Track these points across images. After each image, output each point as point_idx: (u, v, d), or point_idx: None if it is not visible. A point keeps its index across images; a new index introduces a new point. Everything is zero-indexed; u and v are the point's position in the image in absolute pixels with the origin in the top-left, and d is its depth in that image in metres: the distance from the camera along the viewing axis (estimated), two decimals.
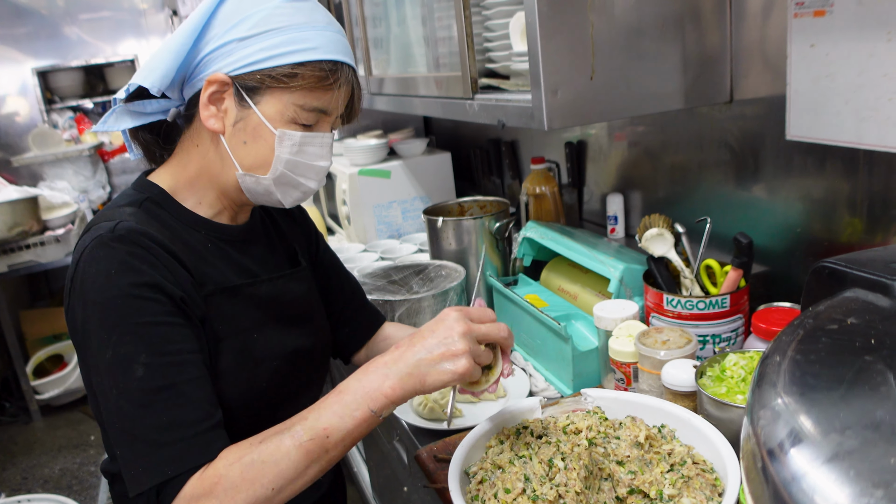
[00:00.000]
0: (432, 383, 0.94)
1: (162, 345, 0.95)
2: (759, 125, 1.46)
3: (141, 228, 1.00)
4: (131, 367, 0.93)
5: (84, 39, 4.95)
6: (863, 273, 0.55)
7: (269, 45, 1.02)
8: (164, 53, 1.03)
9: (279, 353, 1.15)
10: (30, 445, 3.94)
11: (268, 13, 1.02)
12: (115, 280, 0.95)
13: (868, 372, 0.42)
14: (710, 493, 0.94)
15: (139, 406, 0.92)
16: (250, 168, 1.08)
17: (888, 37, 1.12)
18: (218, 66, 1.03)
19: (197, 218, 1.12)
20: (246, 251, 1.17)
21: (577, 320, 1.57)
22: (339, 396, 0.95)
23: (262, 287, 1.15)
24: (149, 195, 1.10)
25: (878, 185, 1.24)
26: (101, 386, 0.95)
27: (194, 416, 0.94)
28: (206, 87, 1.03)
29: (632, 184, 1.99)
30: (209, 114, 1.05)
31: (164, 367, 0.94)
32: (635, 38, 1.33)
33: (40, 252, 3.96)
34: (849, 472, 0.35)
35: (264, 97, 1.04)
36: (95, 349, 0.95)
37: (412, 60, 2.03)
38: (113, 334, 0.94)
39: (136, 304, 0.95)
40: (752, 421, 0.43)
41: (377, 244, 2.59)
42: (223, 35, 1.02)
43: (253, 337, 1.11)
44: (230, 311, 1.09)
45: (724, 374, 1.11)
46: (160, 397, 0.93)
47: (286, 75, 1.02)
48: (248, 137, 1.06)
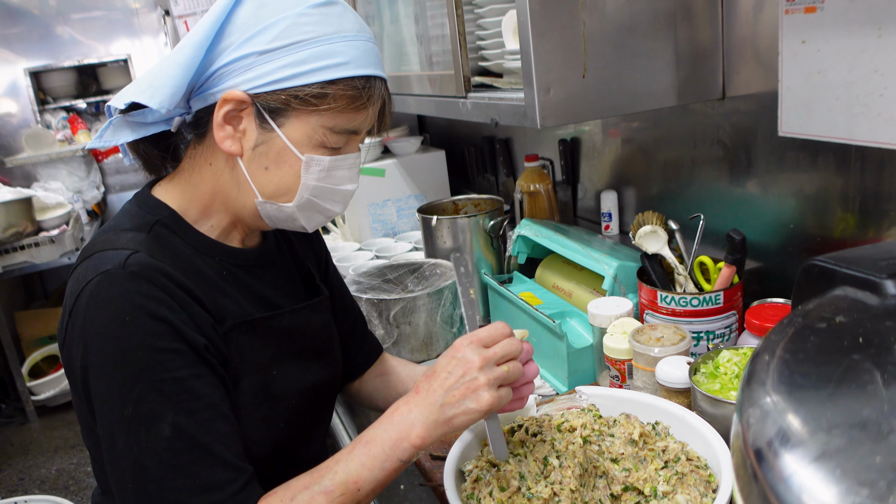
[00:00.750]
0: (460, 424, 0.89)
1: (189, 402, 0.88)
2: (751, 121, 1.46)
3: (156, 264, 0.90)
4: (157, 426, 0.86)
5: (76, 39, 4.94)
6: (852, 271, 0.55)
7: (294, 60, 0.90)
8: (172, 68, 0.90)
9: (298, 390, 1.08)
10: (26, 446, 3.93)
11: (292, 22, 0.90)
12: (132, 329, 0.86)
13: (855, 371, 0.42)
14: (705, 489, 0.95)
15: (167, 467, 0.86)
16: (272, 196, 0.98)
17: (878, 33, 1.12)
18: (234, 81, 0.92)
19: (210, 242, 1.02)
20: (261, 276, 1.08)
21: (572, 318, 1.58)
22: (367, 447, 0.90)
23: (283, 319, 1.07)
24: (158, 218, 0.99)
25: (870, 181, 1.25)
26: (110, 439, 0.87)
27: (228, 477, 0.88)
28: (220, 105, 0.92)
29: (626, 181, 1.99)
30: (225, 134, 0.94)
31: (193, 426, 0.87)
32: (627, 35, 1.33)
33: (35, 253, 3.95)
34: (835, 470, 0.35)
35: (289, 119, 0.93)
36: (108, 401, 0.87)
37: (405, 59, 2.03)
38: (133, 390, 0.86)
39: (159, 357, 0.87)
40: (741, 419, 0.44)
41: (372, 243, 2.59)
42: (240, 46, 0.91)
43: (272, 374, 1.03)
44: (248, 347, 1.01)
45: (718, 371, 1.11)
46: (191, 458, 0.87)
47: (315, 96, 0.92)
48: (271, 163, 0.96)
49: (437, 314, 1.67)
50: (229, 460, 0.89)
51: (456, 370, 0.90)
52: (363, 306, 1.68)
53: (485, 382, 0.88)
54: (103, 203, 4.97)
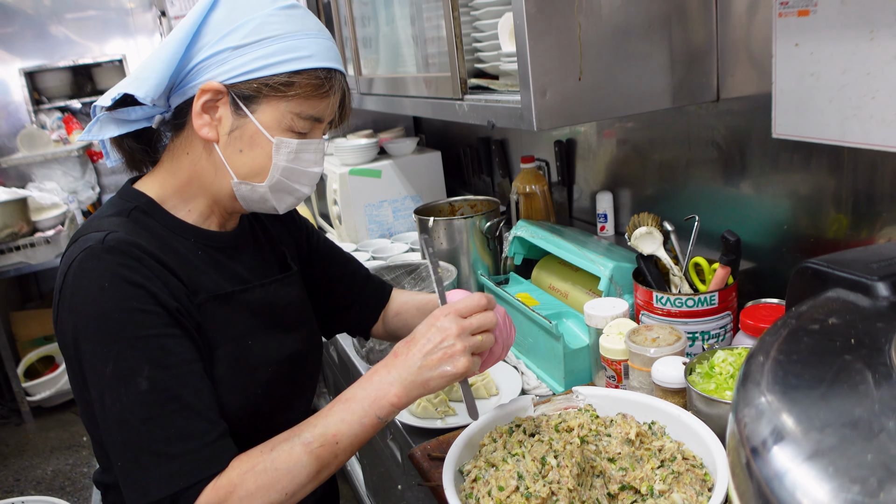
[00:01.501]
0: (436, 386, 0.99)
1: (163, 357, 0.95)
2: (745, 123, 1.47)
3: (131, 239, 0.99)
4: (134, 380, 0.93)
5: (71, 39, 4.93)
6: (844, 274, 0.56)
7: (264, 53, 1.01)
8: (155, 62, 1.01)
9: (274, 360, 1.14)
10: (21, 447, 3.93)
11: (261, 21, 1.01)
12: (110, 293, 0.94)
13: (847, 371, 0.43)
14: (700, 487, 0.96)
15: (145, 419, 0.92)
16: (246, 176, 1.08)
17: (871, 36, 1.14)
18: (211, 74, 1.02)
19: (186, 226, 1.11)
20: (236, 258, 1.16)
21: (568, 318, 1.59)
22: (347, 404, 0.99)
23: (255, 293, 1.15)
24: (136, 204, 1.08)
25: (863, 182, 1.26)
26: (100, 400, 0.94)
27: (202, 427, 0.95)
28: (199, 96, 1.02)
29: (621, 182, 2.00)
30: (202, 122, 1.04)
31: (167, 380, 0.94)
32: (622, 38, 1.34)
33: (30, 253, 3.95)
34: (828, 468, 0.36)
35: (261, 106, 1.04)
36: (92, 363, 0.94)
37: (401, 60, 2.03)
38: (112, 348, 0.93)
39: (134, 318, 0.94)
40: (736, 419, 0.45)
41: (368, 244, 2.60)
42: (216, 43, 1.01)
43: (247, 344, 1.11)
44: (223, 319, 1.08)
45: (713, 371, 1.12)
46: (166, 409, 0.93)
47: (283, 84, 1.02)
48: (245, 146, 1.06)
49: None
50: (203, 413, 0.96)
51: (434, 337, 1.00)
52: None
53: (461, 349, 0.98)
54: (98, 203, 4.96)
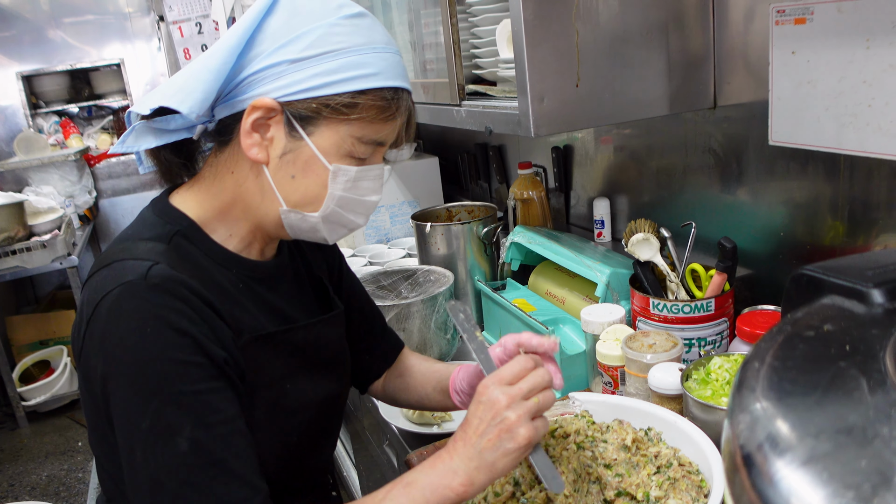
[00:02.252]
0: (504, 466, 0.87)
1: (208, 415, 0.87)
2: (742, 130, 1.48)
3: (177, 276, 0.89)
4: (174, 440, 0.84)
5: (69, 43, 4.93)
6: (839, 281, 0.57)
7: (326, 69, 0.90)
8: (202, 73, 0.90)
9: (311, 403, 1.07)
10: (16, 452, 3.92)
11: (324, 31, 0.91)
12: (152, 340, 0.85)
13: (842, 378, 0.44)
14: (696, 494, 0.96)
15: (183, 483, 0.84)
16: (297, 204, 0.98)
17: (867, 44, 1.14)
18: (264, 88, 0.91)
19: (228, 255, 1.01)
20: (276, 289, 1.08)
21: (565, 324, 1.59)
22: (407, 489, 0.88)
23: (298, 334, 1.06)
24: (178, 228, 0.98)
25: (859, 190, 1.27)
26: (129, 453, 0.86)
27: (244, 494, 0.87)
28: (249, 112, 0.91)
29: (618, 188, 2.01)
30: (252, 142, 0.93)
31: (210, 441, 0.86)
32: (620, 45, 1.34)
33: (26, 258, 3.94)
34: (822, 474, 0.37)
35: (319, 128, 0.93)
36: (125, 414, 0.86)
37: None
38: (151, 402, 0.85)
39: (178, 370, 0.86)
40: (731, 425, 0.45)
41: (366, 249, 2.60)
42: (272, 54, 0.91)
43: (286, 388, 1.03)
44: (264, 361, 1.00)
45: (710, 377, 1.12)
46: (207, 474, 0.85)
47: (346, 105, 0.92)
48: (298, 171, 0.95)
49: (430, 320, 1.68)
50: (246, 477, 0.88)
51: (486, 415, 0.87)
52: None
53: (516, 420, 0.85)
54: (95, 208, 4.96)
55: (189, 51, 3.06)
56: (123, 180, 5.17)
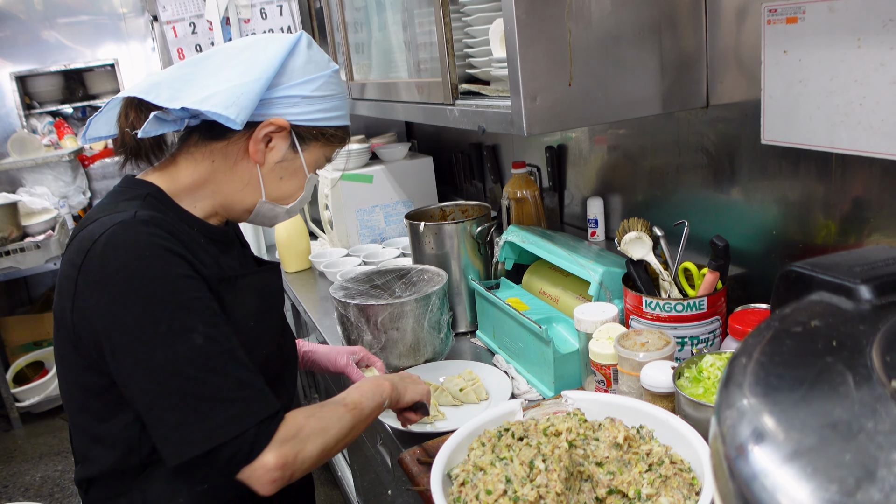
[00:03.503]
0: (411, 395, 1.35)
1: (213, 316, 1.07)
2: (734, 129, 1.48)
3: (160, 217, 1.10)
4: (191, 336, 1.03)
5: (63, 44, 4.91)
6: (828, 277, 0.57)
7: (326, 107, 1.23)
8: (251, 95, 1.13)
9: (269, 341, 1.27)
10: (10, 453, 3.90)
11: (326, 80, 1.22)
12: (152, 261, 1.04)
13: (828, 373, 0.44)
14: (688, 491, 0.96)
15: (206, 370, 1.03)
16: (275, 199, 1.27)
17: (858, 43, 1.15)
18: (281, 111, 1.19)
19: (191, 216, 1.21)
20: (227, 251, 1.28)
21: (558, 323, 1.59)
22: (358, 387, 1.26)
23: (255, 278, 1.27)
24: (148, 191, 1.17)
25: (851, 188, 1.27)
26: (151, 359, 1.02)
27: (253, 376, 1.08)
28: (265, 125, 1.18)
29: (611, 187, 2.01)
30: (257, 148, 1.19)
31: (220, 336, 1.06)
32: (613, 44, 1.35)
33: (20, 258, 3.93)
34: (807, 468, 0.37)
35: (310, 147, 1.25)
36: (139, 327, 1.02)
37: (393, 66, 2.04)
38: (164, 310, 1.02)
39: (182, 283, 1.05)
40: (718, 421, 0.45)
41: (360, 249, 2.60)
42: (291, 88, 1.19)
43: (250, 325, 1.21)
44: (230, 301, 1.18)
45: (702, 376, 1.13)
46: (223, 360, 1.05)
47: (332, 134, 1.27)
48: (286, 175, 1.25)
49: (424, 320, 1.68)
50: (248, 365, 1.09)
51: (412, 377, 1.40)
52: (351, 312, 1.69)
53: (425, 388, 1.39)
54: (89, 208, 4.94)
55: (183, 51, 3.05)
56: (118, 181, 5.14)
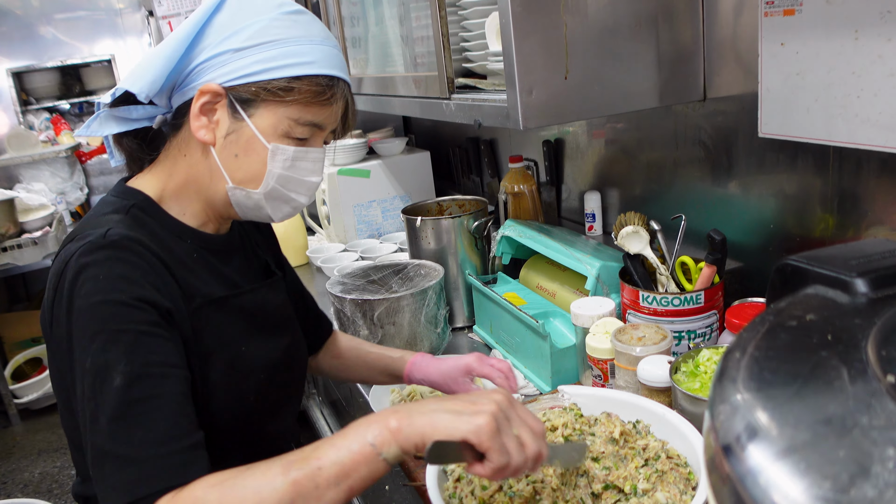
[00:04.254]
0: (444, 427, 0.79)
1: (143, 354, 0.90)
2: (732, 122, 1.47)
3: (133, 235, 0.98)
4: (110, 375, 0.88)
5: (60, 39, 4.90)
6: (823, 270, 0.56)
7: (265, 57, 1.00)
8: (154, 59, 1.00)
9: (265, 365, 1.13)
10: (9, 449, 3.90)
11: (264, 25, 1.01)
12: (103, 285, 0.92)
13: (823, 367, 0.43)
14: (685, 486, 0.96)
15: (112, 419, 0.86)
16: (241, 182, 1.07)
17: (855, 35, 1.14)
18: (211, 76, 1.01)
19: (183, 227, 1.10)
20: (227, 261, 1.16)
21: (556, 318, 1.58)
22: (342, 431, 0.84)
23: (246, 297, 1.14)
24: (134, 202, 1.07)
25: (849, 181, 1.26)
26: (80, 398, 0.90)
27: (170, 433, 0.88)
28: (197, 97, 1.01)
29: (609, 181, 2.00)
30: (200, 124, 1.03)
31: (142, 378, 0.89)
32: (609, 37, 1.34)
33: (17, 255, 3.92)
34: (800, 464, 0.36)
35: (258, 110, 1.03)
36: (76, 357, 0.91)
37: (390, 60, 2.03)
38: (95, 341, 0.89)
39: (121, 311, 0.91)
40: (712, 415, 0.44)
41: (357, 244, 2.59)
42: (217, 45, 1.01)
43: (241, 349, 1.10)
44: (218, 324, 1.07)
45: (698, 370, 1.12)
46: (135, 410, 0.87)
47: (282, 89, 1.01)
48: (240, 150, 1.04)
49: (420, 314, 1.67)
50: (176, 419, 0.89)
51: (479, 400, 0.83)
52: (347, 307, 1.68)
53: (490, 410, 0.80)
54: (87, 204, 4.93)
55: None
56: (115, 177, 5.14)
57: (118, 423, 0.87)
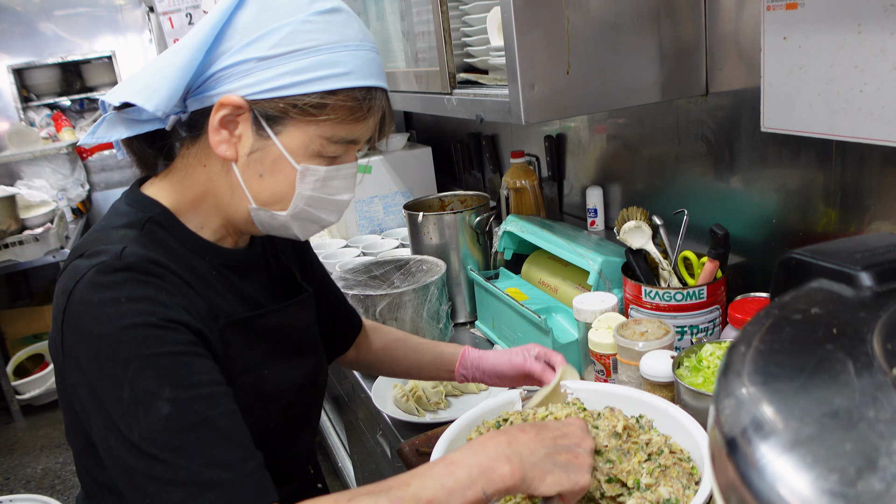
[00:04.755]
0: (550, 486, 0.82)
1: (187, 376, 0.83)
2: (734, 117, 1.47)
3: (151, 255, 0.88)
4: (154, 403, 0.80)
5: (60, 36, 4.90)
6: (828, 264, 0.56)
7: (294, 68, 0.89)
8: (169, 70, 0.88)
9: (288, 389, 1.06)
10: (11, 446, 3.91)
11: (294, 28, 0.88)
12: (126, 309, 0.83)
13: (829, 360, 0.43)
14: (687, 481, 0.95)
15: (170, 448, 0.79)
16: (266, 203, 0.96)
17: (858, 29, 1.14)
18: (232, 86, 0.90)
19: (201, 242, 1.00)
20: (248, 278, 1.07)
21: (558, 313, 1.58)
22: (450, 468, 0.81)
23: (272, 318, 1.05)
24: (150, 215, 0.96)
25: (851, 176, 1.26)
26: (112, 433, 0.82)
27: (238, 454, 0.82)
28: (217, 109, 0.90)
29: (611, 177, 2.00)
30: (220, 139, 0.92)
31: (193, 401, 0.82)
32: (611, 32, 1.33)
33: (19, 251, 3.92)
34: (806, 458, 0.36)
35: (287, 128, 0.92)
36: (106, 392, 0.82)
37: (391, 55, 2.03)
38: (128, 369, 0.81)
39: (153, 333, 0.83)
40: (717, 410, 0.44)
41: (359, 239, 2.59)
42: (240, 50, 0.89)
43: (264, 373, 1.02)
44: (241, 346, 0.98)
45: (701, 365, 1.12)
46: (195, 435, 0.81)
47: (314, 106, 0.90)
48: (266, 170, 0.94)
49: (423, 309, 1.67)
50: (237, 439, 0.84)
51: (573, 436, 0.88)
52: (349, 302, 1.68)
53: (589, 464, 0.86)
54: (88, 201, 4.94)
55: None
56: (116, 173, 5.14)
57: (177, 453, 0.80)
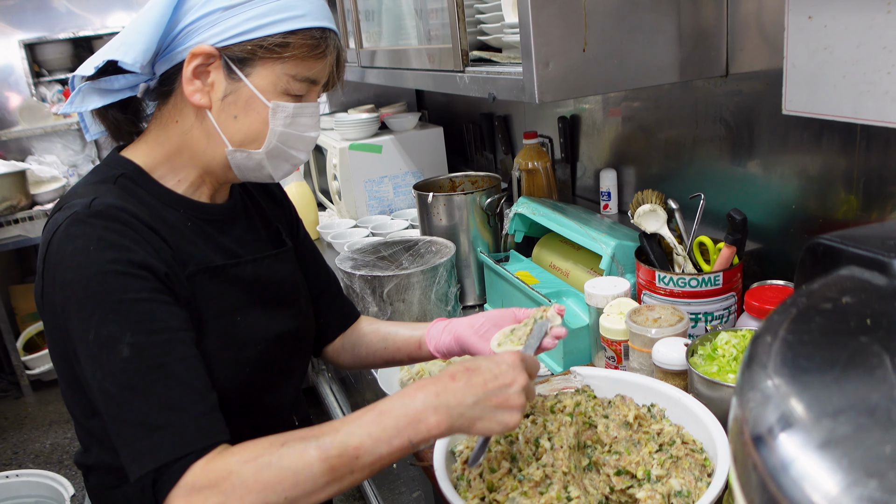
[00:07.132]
0: (480, 430, 0.87)
1: (148, 322, 0.90)
2: (754, 99, 1.43)
3: (119, 203, 0.95)
4: (116, 347, 0.87)
5: (72, 11, 4.86)
6: (859, 250, 0.53)
7: (257, 13, 0.98)
8: (142, 25, 0.96)
9: (264, 337, 1.10)
10: (20, 420, 3.93)
11: None
12: (95, 256, 0.90)
13: (863, 354, 0.40)
14: (700, 473, 0.93)
15: (127, 388, 0.87)
16: (241, 143, 1.04)
17: (888, 8, 1.09)
18: (201, 37, 0.98)
19: (175, 196, 1.06)
20: (226, 231, 1.12)
21: (569, 297, 1.55)
22: (379, 417, 0.85)
23: (247, 268, 1.10)
24: (123, 171, 1.04)
25: (875, 162, 1.22)
26: (84, 371, 0.91)
27: (189, 398, 0.89)
28: (189, 60, 0.98)
29: (625, 159, 1.96)
30: (194, 88, 1.00)
31: (151, 346, 0.89)
32: (629, 9, 1.29)
33: (29, 227, 3.92)
34: (841, 459, 0.33)
35: (255, 69, 1.00)
36: (76, 332, 0.90)
37: (404, 33, 1.99)
38: (94, 313, 0.88)
39: (119, 281, 0.90)
40: (740, 403, 0.41)
41: (368, 220, 2.57)
42: (205, 4, 0.97)
43: (236, 320, 1.06)
44: (213, 292, 1.04)
45: (716, 353, 1.09)
46: (150, 378, 0.87)
47: (278, 45, 0.99)
48: (240, 111, 1.02)
49: (431, 291, 1.65)
50: (191, 383, 0.90)
51: (503, 377, 0.88)
52: (357, 283, 1.66)
53: (521, 403, 0.88)
54: None
55: None
56: None
57: (133, 393, 0.87)
